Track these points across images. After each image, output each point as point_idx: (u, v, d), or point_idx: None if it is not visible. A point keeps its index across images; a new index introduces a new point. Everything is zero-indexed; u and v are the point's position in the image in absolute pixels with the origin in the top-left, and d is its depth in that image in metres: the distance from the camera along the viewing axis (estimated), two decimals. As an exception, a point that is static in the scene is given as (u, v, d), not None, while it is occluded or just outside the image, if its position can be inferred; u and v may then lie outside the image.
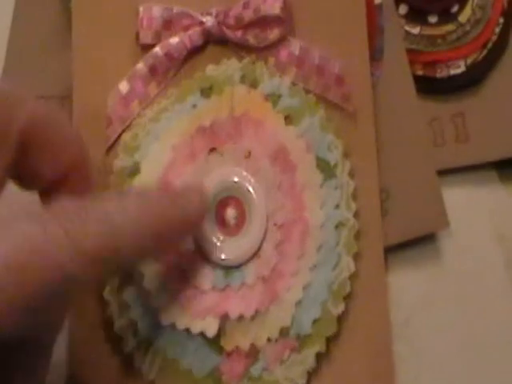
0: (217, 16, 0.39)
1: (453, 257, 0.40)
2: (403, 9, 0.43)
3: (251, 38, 0.38)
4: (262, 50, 0.39)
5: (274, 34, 0.38)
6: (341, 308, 0.36)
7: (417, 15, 0.43)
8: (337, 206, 0.37)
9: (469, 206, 0.41)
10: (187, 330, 0.36)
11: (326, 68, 0.38)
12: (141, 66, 0.39)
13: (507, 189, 0.42)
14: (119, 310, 0.37)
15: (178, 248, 0.36)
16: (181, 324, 0.36)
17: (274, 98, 0.38)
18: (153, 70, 0.39)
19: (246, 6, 0.38)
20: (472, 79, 0.43)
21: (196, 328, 0.35)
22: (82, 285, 0.28)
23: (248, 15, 0.38)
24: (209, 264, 0.37)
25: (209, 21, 0.39)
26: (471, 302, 0.39)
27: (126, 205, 0.29)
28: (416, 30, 0.43)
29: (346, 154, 0.38)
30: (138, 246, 0.29)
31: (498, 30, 0.42)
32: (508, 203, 0.42)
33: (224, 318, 0.36)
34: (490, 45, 0.42)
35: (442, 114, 0.43)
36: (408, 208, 0.39)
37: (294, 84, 0.38)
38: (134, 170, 0.38)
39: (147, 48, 0.39)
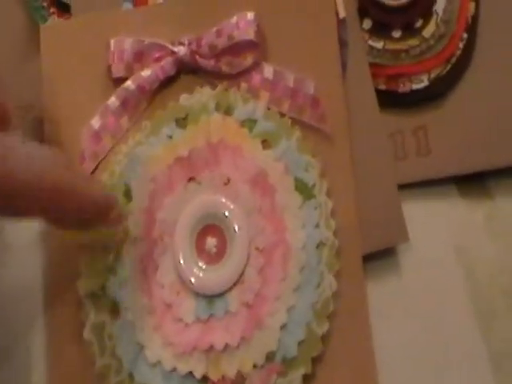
0: (189, 45, 0.38)
1: (412, 270, 0.40)
2: (367, 24, 0.43)
3: (224, 66, 0.38)
4: (235, 77, 0.38)
5: (247, 59, 0.38)
6: (325, 327, 0.35)
7: (381, 30, 0.43)
8: (317, 226, 0.37)
9: (429, 219, 0.41)
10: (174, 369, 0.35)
11: (301, 90, 0.38)
12: (113, 100, 0.38)
13: (467, 203, 0.41)
14: (101, 348, 0.36)
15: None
16: (167, 364, 0.35)
17: (249, 123, 0.38)
18: (125, 104, 0.38)
19: (218, 33, 0.37)
20: (435, 94, 0.42)
21: (183, 369, 0.35)
22: None
23: (221, 42, 0.37)
24: (191, 295, 0.36)
25: (181, 50, 0.38)
26: (431, 315, 0.39)
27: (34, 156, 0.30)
28: (380, 45, 0.43)
29: (323, 173, 0.37)
30: (31, 191, 0.30)
31: (461, 45, 0.42)
32: (468, 217, 0.41)
33: (210, 351, 0.35)
34: (453, 59, 0.42)
35: (403, 127, 0.42)
36: (369, 222, 0.39)
37: (268, 108, 0.38)
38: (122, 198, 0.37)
39: (119, 81, 0.38)
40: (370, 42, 0.43)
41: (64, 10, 0.44)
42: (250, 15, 0.37)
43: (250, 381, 0.35)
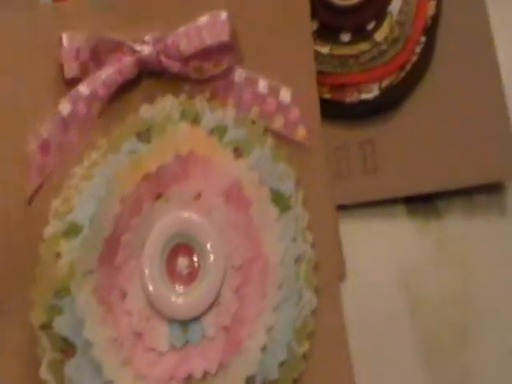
0: (154, 44, 0.34)
1: (355, 297, 0.37)
2: (313, 25, 0.38)
3: (192, 71, 0.34)
4: (203, 81, 0.35)
5: (220, 65, 0.34)
6: (306, 346, 0.34)
7: (328, 32, 0.39)
8: (294, 239, 0.34)
9: (374, 242, 0.39)
10: None
11: (273, 97, 0.35)
12: (63, 106, 0.34)
13: (416, 225, 0.39)
14: None
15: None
16: None
17: (219, 131, 0.34)
18: (77, 112, 0.34)
19: (188, 33, 0.33)
20: (386, 105, 0.38)
21: None
22: None
23: (191, 45, 0.34)
24: (164, 321, 0.33)
25: (145, 50, 0.34)
26: (371, 348, 0.37)
27: None
28: (325, 50, 0.39)
29: (298, 182, 0.35)
30: None
31: (418, 49, 0.38)
32: (416, 242, 0.39)
33: (188, 380, 0.32)
34: (408, 66, 0.38)
35: (349, 141, 0.38)
36: None
37: (238, 114, 0.35)
38: (70, 231, 0.32)
39: (72, 83, 0.34)
40: (315, 47, 0.38)
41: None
42: (224, 15, 0.34)
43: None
